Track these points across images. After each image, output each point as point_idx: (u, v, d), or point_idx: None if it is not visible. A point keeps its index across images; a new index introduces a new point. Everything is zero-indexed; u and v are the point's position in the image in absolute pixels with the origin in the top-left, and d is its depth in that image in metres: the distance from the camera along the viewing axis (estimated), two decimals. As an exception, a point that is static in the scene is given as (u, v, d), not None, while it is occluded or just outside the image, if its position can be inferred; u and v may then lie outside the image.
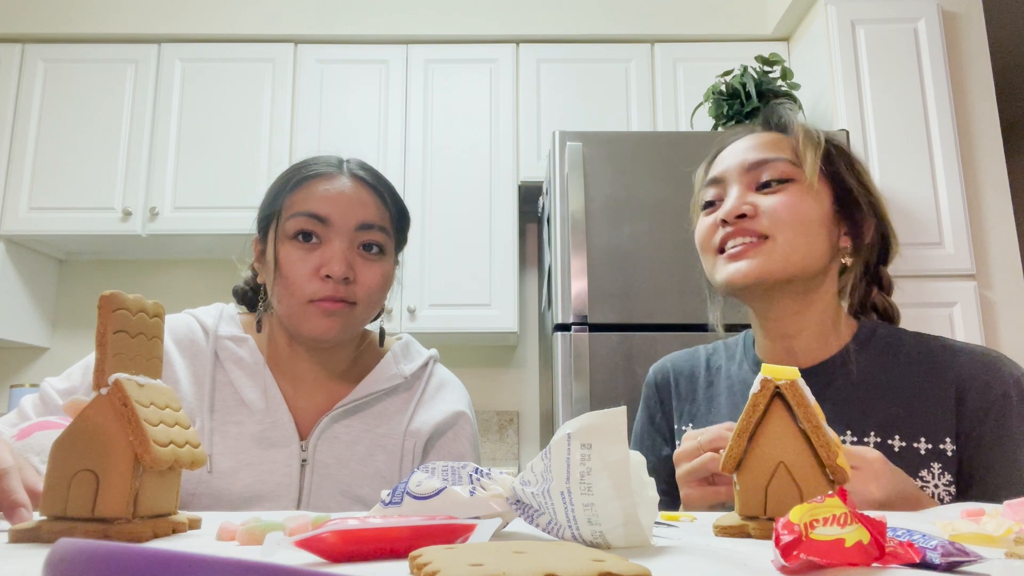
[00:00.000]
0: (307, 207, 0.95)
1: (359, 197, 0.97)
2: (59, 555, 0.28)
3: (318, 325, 0.94)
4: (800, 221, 0.90)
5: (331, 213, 0.95)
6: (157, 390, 0.52)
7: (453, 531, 0.43)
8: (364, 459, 0.97)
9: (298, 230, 0.95)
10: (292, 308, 0.95)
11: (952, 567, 0.39)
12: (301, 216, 0.95)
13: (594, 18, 2.93)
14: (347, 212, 0.95)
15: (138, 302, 0.52)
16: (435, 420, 1.02)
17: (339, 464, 0.96)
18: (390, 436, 1.00)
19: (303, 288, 0.94)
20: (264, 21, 2.92)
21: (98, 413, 0.49)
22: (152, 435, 0.48)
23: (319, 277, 0.93)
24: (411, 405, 1.02)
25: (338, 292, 0.94)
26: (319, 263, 0.94)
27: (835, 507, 0.39)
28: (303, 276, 0.94)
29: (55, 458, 0.49)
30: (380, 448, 0.99)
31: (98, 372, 0.49)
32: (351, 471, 0.96)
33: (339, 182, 0.97)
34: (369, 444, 0.98)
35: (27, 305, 2.88)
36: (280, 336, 1.02)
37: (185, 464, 0.51)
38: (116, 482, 0.48)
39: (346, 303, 0.95)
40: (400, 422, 1.01)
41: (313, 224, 0.95)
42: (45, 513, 0.48)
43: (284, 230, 0.96)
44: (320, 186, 0.96)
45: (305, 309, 0.94)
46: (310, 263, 0.94)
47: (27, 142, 2.79)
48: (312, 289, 0.93)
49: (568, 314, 2.13)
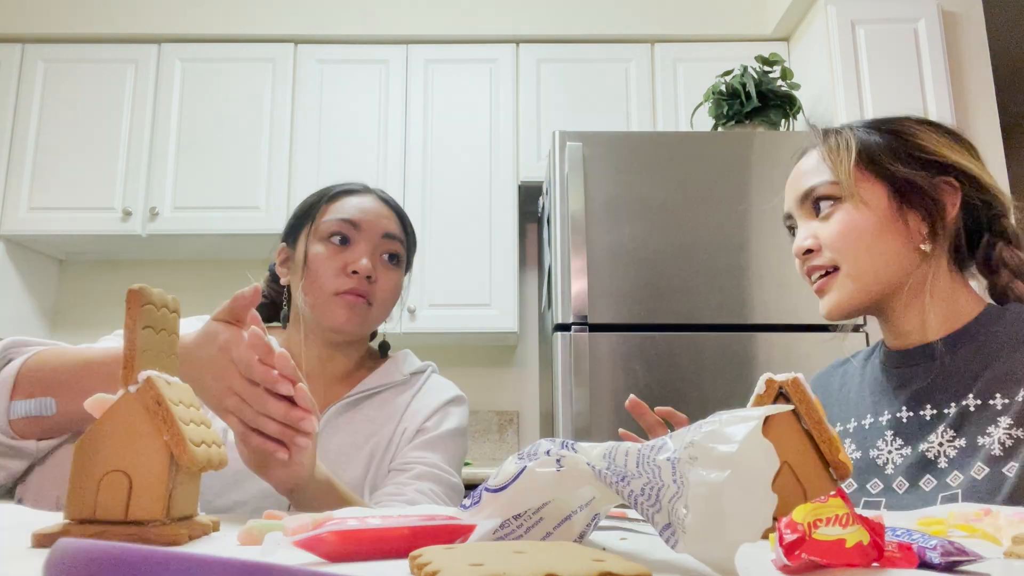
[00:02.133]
0: (343, 214, 1.08)
1: (386, 213, 1.11)
2: (60, 555, 0.28)
3: (340, 315, 1.04)
4: (858, 241, 0.89)
5: (363, 221, 1.08)
6: (182, 388, 0.51)
7: (453, 531, 0.43)
8: (361, 446, 1.04)
9: (332, 232, 1.07)
10: (318, 299, 1.05)
11: (952, 567, 0.39)
12: (336, 220, 1.07)
13: (594, 18, 2.93)
14: (376, 222, 1.09)
15: (161, 297, 0.51)
16: (429, 408, 1.09)
17: (338, 451, 1.02)
18: (388, 422, 1.06)
19: (330, 282, 1.04)
20: (264, 21, 2.91)
21: (128, 412, 0.47)
22: (187, 435, 0.47)
23: (346, 273, 1.05)
24: (408, 396, 1.10)
25: (361, 286, 1.05)
26: (346, 261, 1.05)
27: (837, 507, 0.39)
28: (331, 271, 1.05)
29: (80, 459, 0.46)
30: (375, 436, 1.05)
31: (126, 369, 0.48)
32: (348, 456, 1.02)
33: (369, 199, 1.12)
34: (367, 433, 1.05)
35: (27, 305, 2.88)
36: (294, 336, 1.10)
37: (215, 464, 0.50)
38: (150, 483, 0.46)
39: (366, 300, 1.05)
40: (397, 410, 1.08)
41: (347, 228, 1.07)
42: (71, 516, 0.46)
43: (318, 232, 1.08)
44: (353, 199, 1.11)
45: (330, 300, 1.04)
46: (338, 261, 1.05)
47: (27, 142, 2.79)
48: (339, 283, 1.04)
49: (568, 314, 2.13)
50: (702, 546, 0.37)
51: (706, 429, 0.40)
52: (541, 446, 0.47)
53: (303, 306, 1.07)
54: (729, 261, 2.18)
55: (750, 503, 0.37)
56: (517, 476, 0.45)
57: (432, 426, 1.07)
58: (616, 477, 0.43)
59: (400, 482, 0.99)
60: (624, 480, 0.42)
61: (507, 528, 0.45)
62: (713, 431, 0.39)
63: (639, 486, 0.42)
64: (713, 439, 0.39)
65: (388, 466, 1.03)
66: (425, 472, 1.01)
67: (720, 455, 0.38)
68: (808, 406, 0.52)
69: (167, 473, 0.46)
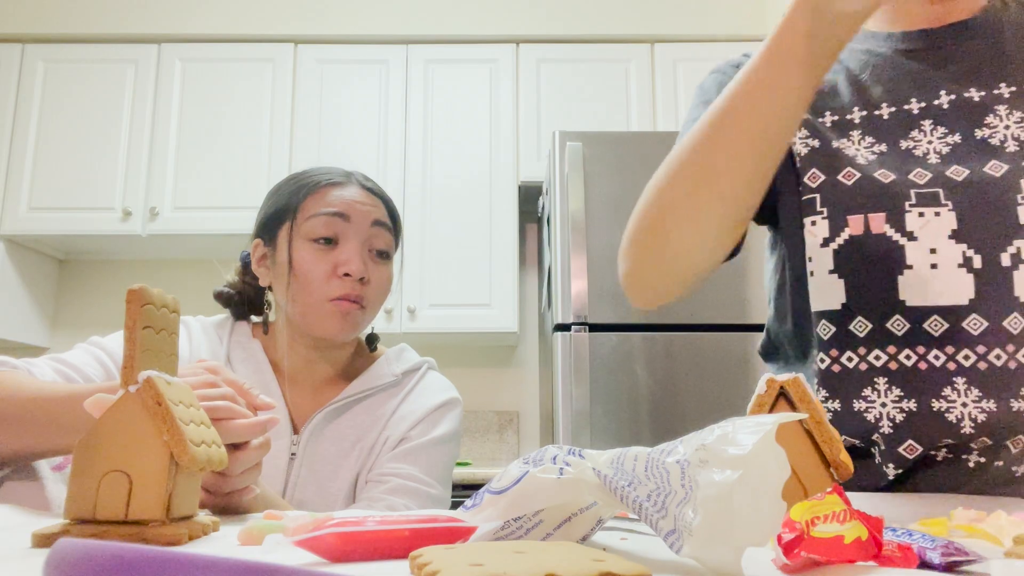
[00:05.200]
0: (327, 208, 1.00)
1: (372, 201, 1.04)
2: (60, 555, 0.28)
3: (333, 325, 0.98)
4: None
5: (350, 211, 1.00)
6: (182, 388, 0.51)
7: (453, 532, 0.43)
8: (347, 453, 1.00)
9: (319, 231, 0.99)
10: (309, 307, 0.98)
11: (952, 567, 0.39)
12: (323, 215, 0.99)
13: (594, 18, 2.93)
14: (363, 212, 1.01)
15: (161, 297, 0.51)
16: (415, 415, 1.03)
17: (324, 459, 0.99)
18: (373, 428, 1.02)
19: (321, 287, 0.98)
20: (264, 21, 2.92)
21: (128, 412, 0.47)
22: (188, 435, 0.47)
23: (337, 276, 0.98)
24: (396, 400, 1.04)
25: (355, 290, 0.98)
26: (336, 262, 0.98)
27: (834, 504, 0.39)
28: (322, 275, 0.98)
29: (81, 458, 0.46)
30: (360, 442, 1.01)
31: (126, 369, 0.47)
32: (335, 465, 0.99)
33: (352, 189, 1.03)
34: (354, 439, 1.01)
35: (27, 305, 2.88)
36: (281, 338, 1.04)
37: (215, 464, 0.50)
38: (150, 483, 0.46)
39: (359, 305, 0.99)
40: (383, 415, 1.03)
41: (334, 222, 0.99)
42: (70, 516, 0.46)
43: (301, 231, 1.00)
44: (335, 191, 1.02)
45: (321, 307, 0.98)
46: (327, 263, 0.98)
47: (27, 142, 2.79)
48: (331, 288, 0.98)
49: (568, 314, 2.13)
50: (708, 549, 0.37)
51: (718, 433, 0.40)
52: (548, 452, 0.47)
53: (290, 312, 1.01)
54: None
55: (759, 507, 0.37)
56: (518, 480, 0.45)
57: (417, 434, 1.01)
58: (624, 482, 0.42)
59: (372, 496, 0.95)
60: (631, 485, 0.42)
61: (507, 529, 0.45)
62: (725, 434, 0.39)
63: (646, 492, 0.41)
64: (725, 442, 0.39)
65: (367, 476, 0.99)
66: (399, 486, 0.96)
67: (731, 457, 0.38)
68: (809, 406, 0.52)
69: (167, 473, 0.46)
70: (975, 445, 0.70)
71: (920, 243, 0.72)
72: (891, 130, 0.77)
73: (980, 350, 0.70)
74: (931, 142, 0.75)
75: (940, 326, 0.71)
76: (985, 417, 0.69)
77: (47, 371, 0.88)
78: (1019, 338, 0.69)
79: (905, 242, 0.72)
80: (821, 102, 0.82)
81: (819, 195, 0.77)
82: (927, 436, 0.71)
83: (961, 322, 0.70)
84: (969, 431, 0.69)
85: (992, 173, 0.72)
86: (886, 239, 0.73)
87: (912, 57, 0.80)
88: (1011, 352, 0.69)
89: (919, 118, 0.77)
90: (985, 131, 0.74)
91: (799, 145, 0.80)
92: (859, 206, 0.74)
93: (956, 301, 0.70)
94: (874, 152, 0.77)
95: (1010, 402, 0.68)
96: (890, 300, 0.72)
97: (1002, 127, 0.73)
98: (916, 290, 0.71)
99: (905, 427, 0.72)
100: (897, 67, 0.80)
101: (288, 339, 1.03)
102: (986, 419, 0.69)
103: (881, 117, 0.78)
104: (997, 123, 0.73)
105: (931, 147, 0.75)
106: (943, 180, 0.73)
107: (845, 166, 0.76)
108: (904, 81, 0.79)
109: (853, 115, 0.80)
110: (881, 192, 0.74)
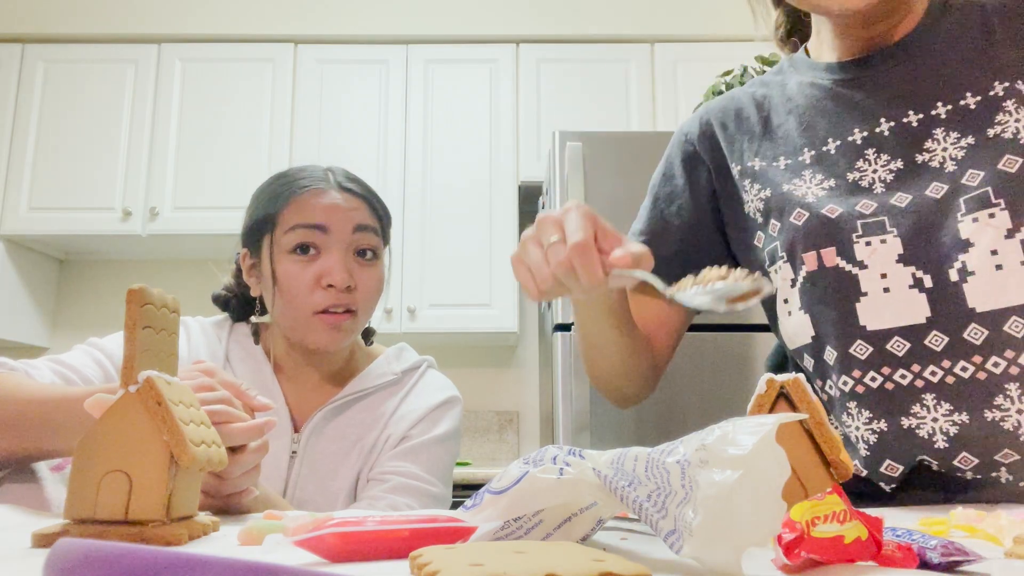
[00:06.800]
0: (304, 218, 0.97)
1: (354, 204, 1.00)
2: (60, 555, 0.28)
3: (322, 338, 0.97)
4: None
5: (329, 221, 0.97)
6: (181, 388, 0.51)
7: (453, 532, 0.43)
8: (348, 452, 1.00)
9: (297, 243, 0.96)
10: (296, 320, 0.97)
11: (952, 567, 0.39)
12: (300, 228, 0.97)
13: (594, 18, 2.93)
14: (344, 218, 0.98)
15: (161, 297, 0.51)
16: (416, 413, 1.03)
17: (325, 458, 0.99)
18: (373, 427, 1.02)
19: (306, 300, 0.95)
20: (264, 21, 2.92)
21: (128, 412, 0.47)
22: (188, 435, 0.47)
23: (321, 287, 0.95)
24: (397, 399, 1.04)
25: (341, 300, 0.96)
26: (319, 273, 0.96)
27: (834, 504, 0.39)
28: (305, 288, 0.95)
29: (81, 458, 0.46)
30: (361, 440, 1.01)
31: (127, 369, 0.47)
32: (336, 464, 0.99)
33: (330, 195, 0.99)
34: (354, 438, 1.01)
35: (27, 305, 2.88)
36: (279, 341, 1.04)
37: (215, 464, 0.50)
38: (150, 483, 0.46)
39: (349, 312, 0.97)
40: (384, 414, 1.02)
41: (312, 234, 0.97)
42: (70, 516, 0.46)
43: (281, 245, 0.98)
44: (312, 199, 0.98)
45: (309, 321, 0.96)
46: (310, 274, 0.96)
47: (27, 142, 2.79)
48: (315, 300, 0.95)
49: (568, 314, 2.13)
50: (709, 549, 0.37)
51: (718, 433, 0.40)
52: (548, 452, 0.47)
53: (280, 323, 1.00)
54: (729, 261, 2.18)
55: (759, 507, 0.37)
56: (518, 480, 0.45)
57: (417, 433, 1.01)
58: (624, 482, 0.42)
59: (373, 495, 0.95)
60: (631, 485, 0.42)
61: (507, 529, 0.45)
62: (725, 435, 0.39)
63: (646, 492, 0.41)
64: (725, 442, 0.39)
65: (368, 475, 0.99)
66: (401, 485, 0.96)
67: (731, 457, 0.38)
68: (809, 406, 0.52)
69: (167, 473, 0.46)
70: (961, 464, 0.71)
71: (871, 270, 0.75)
72: (838, 163, 0.81)
73: (945, 364, 0.71)
74: (876, 171, 0.79)
75: (902, 346, 0.73)
76: (957, 430, 0.70)
77: (46, 373, 0.87)
78: (983, 348, 0.70)
79: (857, 271, 0.75)
80: (773, 150, 0.86)
81: (779, 241, 0.81)
82: (902, 454, 0.73)
83: (923, 340, 0.72)
84: (943, 445, 0.71)
85: (933, 195, 0.74)
86: (839, 270, 0.76)
87: (851, 86, 0.83)
88: (978, 363, 0.70)
89: (863, 147, 0.80)
90: (925, 155, 0.76)
91: (755, 202, 0.85)
92: (812, 244, 0.78)
93: (914, 320, 0.73)
94: (824, 188, 0.80)
95: (983, 412, 0.69)
96: (852, 327, 0.75)
97: (939, 149, 0.76)
98: (874, 314, 0.74)
99: (879, 447, 0.74)
100: (838, 99, 0.83)
101: (285, 346, 1.03)
102: (958, 432, 0.70)
103: (829, 153, 0.82)
104: (935, 146, 0.76)
105: (876, 176, 0.78)
106: (888, 208, 0.76)
107: (795, 207, 0.80)
108: (845, 112, 0.82)
109: (803, 156, 0.83)
110: (829, 227, 0.77)
